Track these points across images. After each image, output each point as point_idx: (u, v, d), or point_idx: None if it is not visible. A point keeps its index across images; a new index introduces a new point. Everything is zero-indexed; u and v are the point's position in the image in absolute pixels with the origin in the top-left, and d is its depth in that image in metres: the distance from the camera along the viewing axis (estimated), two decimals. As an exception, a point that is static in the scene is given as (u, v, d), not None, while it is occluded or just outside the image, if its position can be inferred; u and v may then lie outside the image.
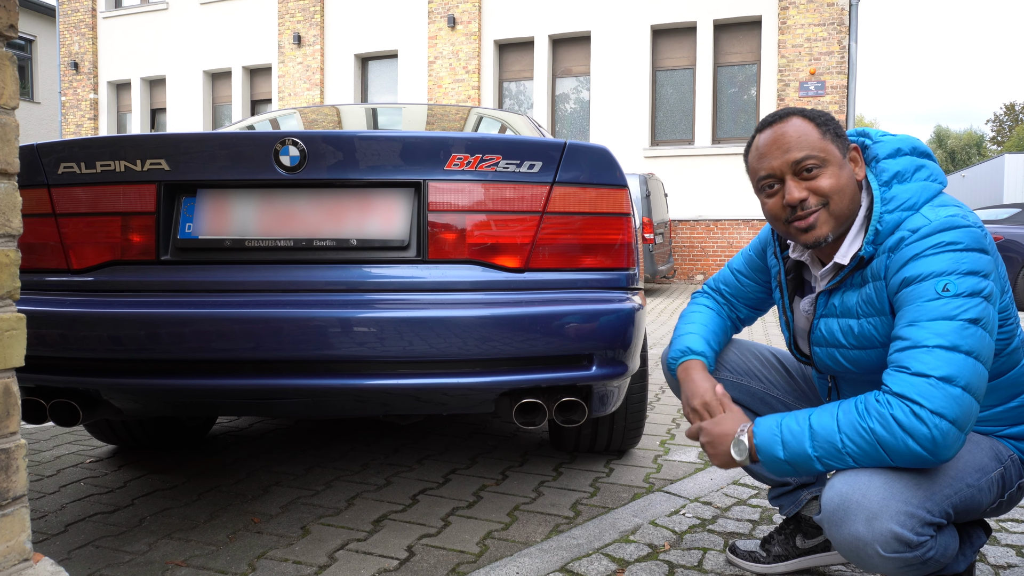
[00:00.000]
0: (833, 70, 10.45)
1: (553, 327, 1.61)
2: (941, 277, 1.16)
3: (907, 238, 1.22)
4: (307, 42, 13.63)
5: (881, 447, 1.14)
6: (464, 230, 1.68)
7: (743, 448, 1.27)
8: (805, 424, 1.21)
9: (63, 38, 15.85)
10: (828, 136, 1.28)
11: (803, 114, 1.31)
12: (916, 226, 1.22)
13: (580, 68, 12.14)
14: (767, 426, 1.25)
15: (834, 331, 1.35)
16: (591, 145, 1.75)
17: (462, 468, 2.35)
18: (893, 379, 1.16)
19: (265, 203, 1.68)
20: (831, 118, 1.31)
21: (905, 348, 1.16)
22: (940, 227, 1.19)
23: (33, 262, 1.69)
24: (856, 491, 1.16)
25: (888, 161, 1.30)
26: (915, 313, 1.17)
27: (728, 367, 1.59)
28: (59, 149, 1.68)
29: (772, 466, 1.24)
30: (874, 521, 1.13)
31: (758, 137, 1.34)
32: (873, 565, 1.17)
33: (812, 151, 1.27)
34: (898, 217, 1.25)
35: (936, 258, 1.18)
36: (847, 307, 1.33)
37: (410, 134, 1.73)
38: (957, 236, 1.18)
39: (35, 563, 1.07)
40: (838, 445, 1.17)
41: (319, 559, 1.68)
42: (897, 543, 1.13)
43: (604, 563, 1.65)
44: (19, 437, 1.04)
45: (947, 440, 1.12)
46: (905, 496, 1.14)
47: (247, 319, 1.56)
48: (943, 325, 1.14)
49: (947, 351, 1.13)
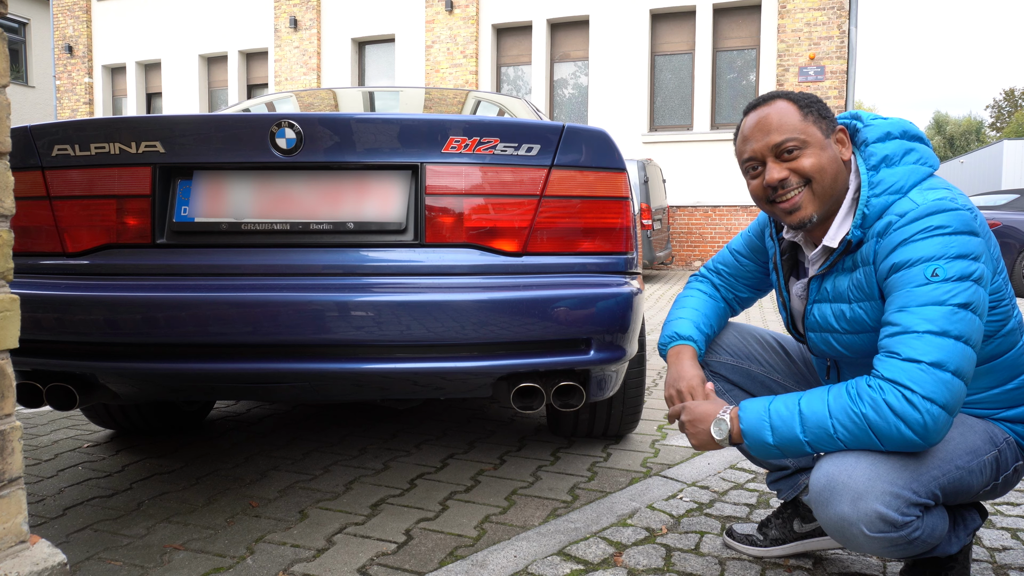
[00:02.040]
0: (833, 55, 10.40)
1: (551, 311, 1.61)
2: (930, 262, 1.17)
3: (895, 223, 1.22)
4: (303, 26, 13.53)
5: (873, 432, 1.15)
6: (462, 213, 1.67)
7: (724, 428, 1.28)
8: (795, 409, 1.21)
9: (57, 21, 15.71)
10: (811, 117, 1.29)
11: (787, 96, 1.32)
12: (904, 210, 1.22)
13: (578, 53, 12.07)
14: (754, 411, 1.25)
15: (827, 316, 1.36)
16: (590, 128, 1.74)
17: (460, 453, 2.35)
18: (884, 365, 1.16)
19: (261, 186, 1.67)
20: (815, 100, 1.32)
21: (895, 334, 1.17)
22: (928, 211, 1.19)
23: (28, 245, 1.68)
24: (842, 472, 1.17)
25: (877, 145, 1.30)
26: (904, 299, 1.18)
27: (728, 350, 1.59)
28: (53, 131, 1.66)
29: (760, 450, 1.25)
30: (859, 501, 1.15)
31: (744, 121, 1.36)
32: (859, 544, 1.18)
33: (792, 133, 1.28)
34: (885, 201, 1.25)
35: (925, 243, 1.18)
36: (839, 292, 1.33)
37: (407, 116, 1.72)
38: (945, 220, 1.18)
39: (32, 545, 1.07)
40: (829, 431, 1.18)
41: (317, 543, 1.69)
42: (882, 523, 1.14)
43: (602, 547, 1.66)
44: (14, 419, 1.04)
45: (937, 424, 1.13)
46: (891, 477, 1.15)
47: (244, 303, 1.55)
48: (932, 311, 1.15)
49: (937, 336, 1.14)
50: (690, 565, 1.57)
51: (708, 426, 1.30)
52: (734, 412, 1.28)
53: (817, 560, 1.60)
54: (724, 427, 1.28)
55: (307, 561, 1.59)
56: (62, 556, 1.07)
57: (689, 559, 1.60)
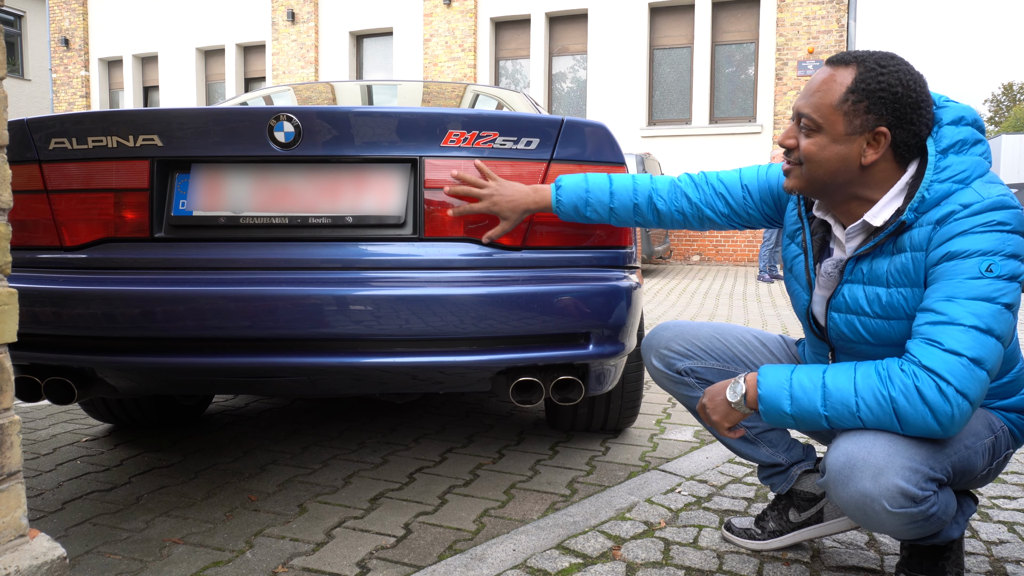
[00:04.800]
0: (832, 49, 10.38)
1: (550, 305, 1.61)
2: (986, 256, 1.15)
3: (957, 212, 1.18)
4: (301, 19, 13.48)
5: (897, 416, 1.16)
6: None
7: (739, 391, 1.29)
8: (819, 381, 1.21)
9: (53, 14, 15.64)
10: (848, 105, 1.21)
11: (856, 69, 1.22)
12: (968, 201, 1.18)
13: (577, 46, 12.04)
14: (775, 377, 1.25)
15: (858, 298, 1.32)
16: (589, 122, 1.73)
17: (459, 447, 2.35)
18: (923, 351, 1.15)
19: (259, 180, 1.66)
20: (879, 89, 1.20)
21: (939, 323, 1.15)
22: (992, 205, 1.17)
23: (25, 239, 1.67)
24: (862, 449, 1.18)
25: (950, 128, 1.24)
26: (953, 288, 1.16)
27: (713, 355, 1.58)
28: (50, 124, 1.65)
29: (774, 417, 1.25)
30: (880, 476, 1.15)
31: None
32: (880, 522, 1.19)
33: (813, 112, 1.24)
34: (948, 188, 1.21)
35: (984, 236, 1.16)
36: (876, 275, 1.29)
37: (406, 110, 1.71)
38: (1007, 216, 1.17)
39: (31, 539, 1.07)
40: (852, 408, 1.18)
41: (316, 536, 1.69)
42: (903, 497, 1.15)
43: (600, 540, 1.66)
44: (13, 413, 1.04)
45: (963, 419, 1.14)
46: (909, 453, 1.17)
47: (242, 297, 1.55)
48: (982, 306, 1.14)
49: (982, 333, 1.13)
50: (688, 559, 1.58)
51: (724, 391, 1.32)
52: (752, 376, 1.29)
53: (815, 554, 1.60)
54: (739, 389, 1.29)
55: (306, 555, 1.60)
56: (61, 550, 1.07)
57: (687, 553, 1.60)
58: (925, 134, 1.24)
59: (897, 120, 1.21)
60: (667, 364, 1.60)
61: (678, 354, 1.59)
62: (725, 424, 1.34)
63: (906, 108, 1.20)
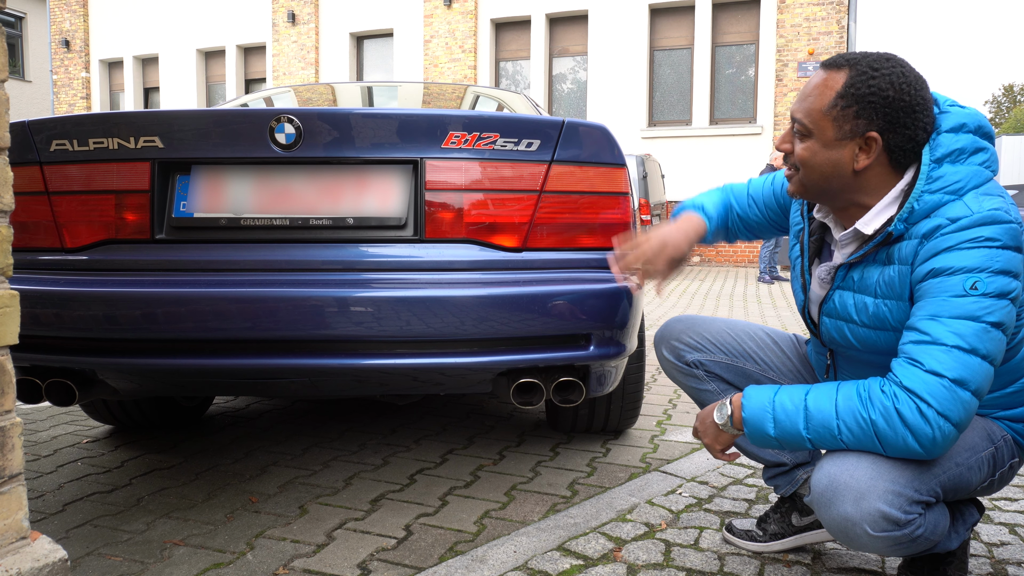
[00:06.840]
0: (832, 50, 10.38)
1: (551, 307, 1.61)
2: (972, 274, 1.11)
3: (944, 226, 1.14)
4: (301, 20, 13.49)
5: (878, 438, 1.14)
6: (462, 209, 1.66)
7: (725, 413, 1.29)
8: (800, 404, 1.20)
9: (54, 15, 15.65)
10: (836, 110, 1.19)
11: (848, 72, 1.19)
12: (956, 215, 1.14)
13: (577, 48, 12.05)
14: (758, 400, 1.24)
15: (847, 305, 1.31)
16: (590, 123, 1.73)
17: (459, 448, 2.35)
18: (904, 372, 1.13)
19: (260, 181, 1.66)
20: (869, 93, 1.16)
21: (921, 342, 1.12)
22: (980, 220, 1.12)
23: (26, 241, 1.67)
24: (844, 472, 1.16)
25: (948, 136, 1.19)
26: (937, 307, 1.12)
27: (723, 349, 1.59)
28: (51, 126, 1.65)
29: (759, 440, 1.24)
30: (862, 501, 1.13)
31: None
32: (863, 544, 1.17)
33: (805, 117, 1.23)
34: (939, 199, 1.17)
35: (970, 253, 1.11)
36: (866, 284, 1.27)
37: (407, 111, 1.71)
38: (996, 232, 1.12)
39: (32, 541, 1.07)
40: (833, 431, 1.17)
41: (317, 538, 1.69)
42: (885, 521, 1.13)
43: (601, 542, 1.66)
44: (14, 415, 1.04)
45: (947, 441, 1.11)
46: (892, 476, 1.14)
47: (243, 299, 1.55)
48: (965, 325, 1.10)
49: (965, 353, 1.10)
50: (689, 560, 1.57)
51: (712, 412, 1.32)
52: (737, 398, 1.28)
53: (816, 555, 1.60)
54: (726, 411, 1.29)
55: (307, 556, 1.59)
56: (62, 552, 1.07)
57: (688, 554, 1.60)
58: (923, 139, 1.20)
59: (889, 125, 1.17)
60: (677, 355, 1.61)
61: (688, 346, 1.60)
62: (717, 446, 1.33)
63: (899, 112, 1.16)
